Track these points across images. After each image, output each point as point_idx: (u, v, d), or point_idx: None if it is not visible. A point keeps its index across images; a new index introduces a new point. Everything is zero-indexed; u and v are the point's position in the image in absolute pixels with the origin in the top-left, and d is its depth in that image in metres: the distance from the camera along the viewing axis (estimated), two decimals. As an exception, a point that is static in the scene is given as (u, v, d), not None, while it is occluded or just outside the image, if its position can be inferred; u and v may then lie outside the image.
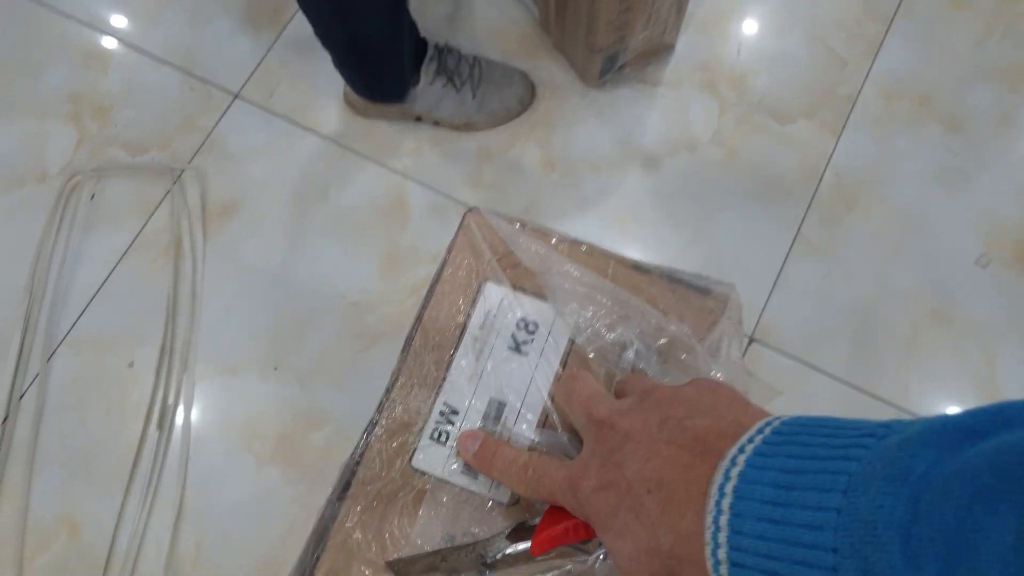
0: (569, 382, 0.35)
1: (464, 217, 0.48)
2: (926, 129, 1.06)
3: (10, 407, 0.99)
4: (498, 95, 1.05)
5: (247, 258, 1.04)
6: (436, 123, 1.08)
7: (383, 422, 0.42)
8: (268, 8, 1.17)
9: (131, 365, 1.01)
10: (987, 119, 1.05)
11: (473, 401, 0.41)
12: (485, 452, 0.36)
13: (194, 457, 0.96)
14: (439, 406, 0.42)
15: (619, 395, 0.34)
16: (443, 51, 1.02)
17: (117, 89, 1.14)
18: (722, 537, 0.24)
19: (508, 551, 0.35)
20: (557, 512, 0.33)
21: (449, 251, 0.46)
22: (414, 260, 1.03)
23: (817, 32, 1.11)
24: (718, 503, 0.25)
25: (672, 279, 0.46)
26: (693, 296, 0.45)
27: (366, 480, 0.40)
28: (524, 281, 0.44)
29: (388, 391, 0.45)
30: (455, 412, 0.41)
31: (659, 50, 1.09)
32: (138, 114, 1.12)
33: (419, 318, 0.46)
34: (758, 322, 0.97)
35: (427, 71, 1.01)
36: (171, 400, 0.98)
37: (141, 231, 1.06)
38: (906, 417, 0.85)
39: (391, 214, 1.06)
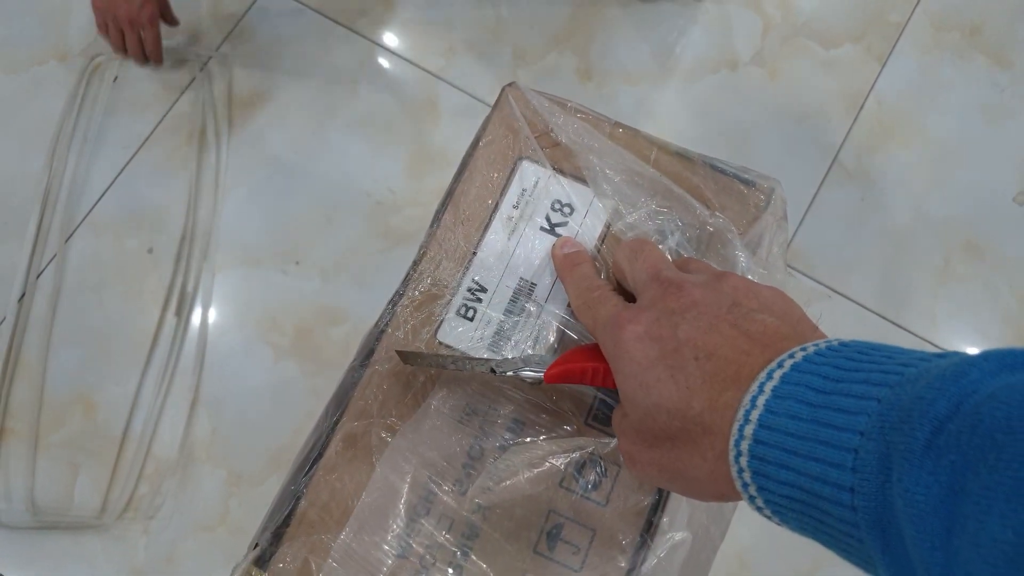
0: (637, 243, 0.35)
1: (502, 91, 0.47)
2: (974, 62, 1.04)
3: (27, 286, 0.98)
4: None
5: (272, 150, 1.03)
6: None
7: (409, 293, 0.41)
8: None
9: (150, 251, 1.00)
10: (1037, 56, 1.03)
11: (503, 279, 0.40)
12: (574, 259, 0.36)
13: (211, 345, 0.96)
14: (467, 282, 0.41)
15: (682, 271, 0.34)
16: None
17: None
18: (754, 414, 0.24)
19: (522, 373, 0.34)
20: (584, 352, 0.33)
21: (484, 126, 0.45)
22: (442, 163, 1.02)
23: (870, -45, 1.08)
24: (762, 385, 0.25)
25: (715, 168, 0.45)
26: (736, 187, 0.44)
27: (390, 349, 0.40)
28: (562, 161, 0.42)
29: (416, 263, 0.44)
30: (483, 289, 0.40)
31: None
32: None
33: (450, 192, 0.45)
34: (789, 245, 0.97)
35: None
36: (190, 288, 0.98)
37: (164, 117, 1.04)
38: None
39: (421, 115, 1.04)
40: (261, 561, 0.36)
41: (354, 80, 1.05)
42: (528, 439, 0.37)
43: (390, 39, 1.06)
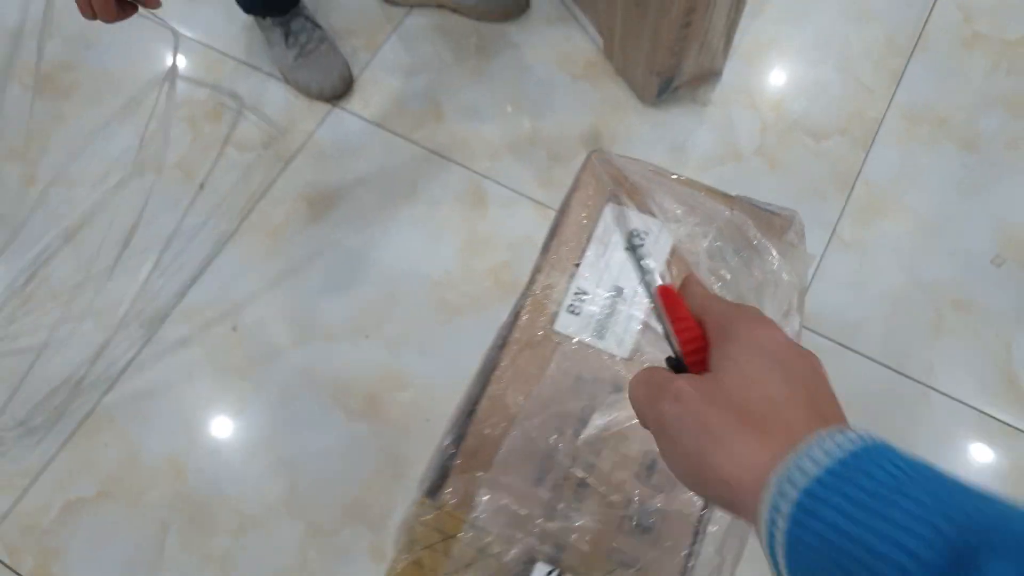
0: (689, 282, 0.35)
1: (588, 156, 0.61)
2: (944, 147, 1.21)
3: (129, 364, 1.11)
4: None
5: (343, 241, 1.18)
6: (455, 10, 1.30)
7: (531, 297, 0.55)
8: (362, 37, 1.35)
9: (234, 329, 1.13)
10: (997, 141, 1.21)
11: (599, 287, 0.54)
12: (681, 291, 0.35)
13: (291, 409, 1.08)
14: (573, 288, 0.55)
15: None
16: None
17: (227, 101, 1.30)
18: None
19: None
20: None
21: (577, 180, 0.60)
22: (491, 247, 1.17)
23: (846, 64, 1.28)
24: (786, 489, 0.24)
25: (750, 203, 0.60)
26: (766, 216, 0.58)
27: (517, 337, 0.53)
28: (636, 200, 0.57)
29: (531, 281, 0.57)
30: (585, 293, 0.54)
31: (708, 75, 1.26)
32: (255, 117, 1.28)
33: (555, 226, 0.59)
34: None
35: None
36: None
37: (248, 215, 1.20)
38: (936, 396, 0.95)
39: (470, 207, 1.20)
40: (432, 492, 0.47)
41: (413, 180, 1.22)
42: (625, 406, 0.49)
43: (442, 146, 1.24)
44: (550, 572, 0.43)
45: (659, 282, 0.33)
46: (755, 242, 0.51)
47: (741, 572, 0.54)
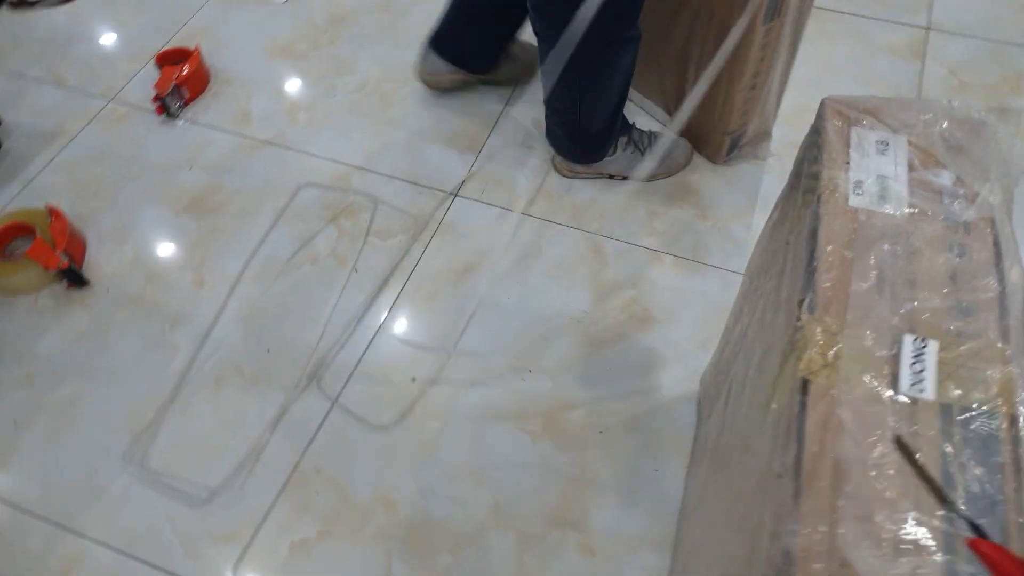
0: None
1: (822, 102, 0.80)
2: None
3: (323, 423, 1.23)
4: (672, 154, 1.47)
5: (492, 299, 1.36)
6: (624, 178, 1.48)
7: (822, 190, 0.74)
8: (465, 138, 1.60)
9: (414, 380, 1.28)
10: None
11: (868, 177, 0.74)
12: None
13: (478, 440, 1.21)
14: (852, 179, 0.75)
15: None
16: (633, 128, 1.46)
17: (360, 200, 1.51)
18: None
19: None
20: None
21: (820, 121, 0.79)
22: (618, 287, 1.37)
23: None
24: None
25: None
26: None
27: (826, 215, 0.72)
28: (872, 120, 0.78)
29: (818, 176, 0.77)
30: (861, 182, 0.75)
31: (762, 136, 1.53)
32: (386, 214, 1.49)
33: (820, 147, 0.77)
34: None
35: (621, 143, 1.43)
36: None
37: (404, 288, 1.38)
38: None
39: (592, 260, 1.40)
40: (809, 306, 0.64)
41: (537, 244, 1.42)
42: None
43: (554, 215, 1.46)
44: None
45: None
46: (977, 115, 0.72)
47: None
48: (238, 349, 1.33)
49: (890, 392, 0.56)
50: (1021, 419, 0.54)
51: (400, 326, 1.34)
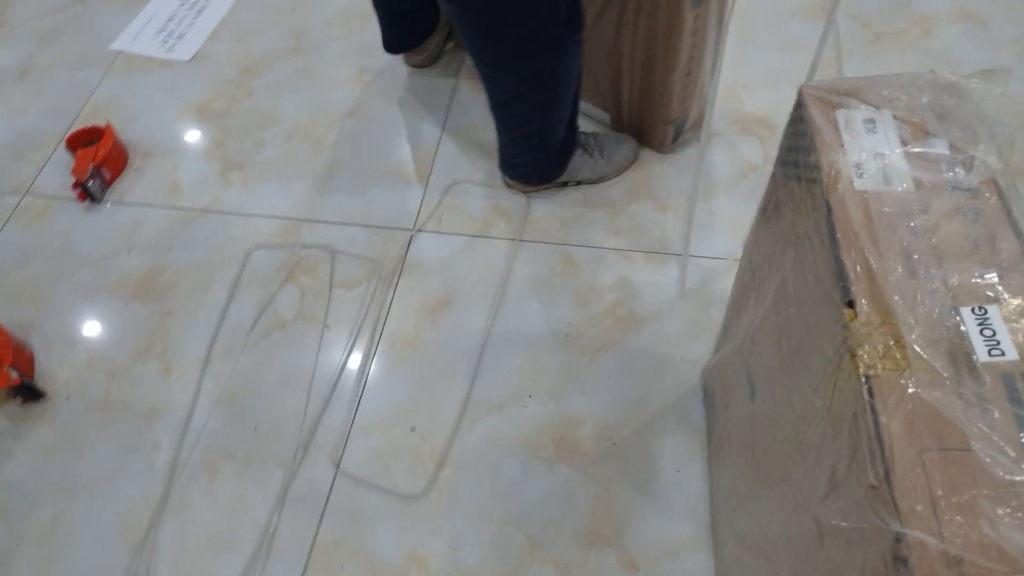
0: None
1: (800, 91, 0.80)
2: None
3: (335, 480, 1.18)
4: (619, 151, 1.47)
5: (472, 329, 1.33)
6: (578, 183, 1.47)
7: (826, 177, 0.74)
8: (409, 169, 1.56)
9: (413, 429, 1.24)
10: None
11: (864, 157, 0.75)
12: None
13: (493, 478, 1.18)
14: (852, 162, 0.75)
15: None
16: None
17: (316, 254, 1.46)
18: None
19: None
20: None
21: (800, 106, 0.78)
22: (598, 294, 1.36)
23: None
24: None
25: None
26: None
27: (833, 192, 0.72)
28: (855, 101, 0.78)
29: (819, 166, 0.77)
30: (860, 164, 0.75)
31: (702, 118, 1.55)
32: (346, 263, 1.44)
33: (811, 136, 0.78)
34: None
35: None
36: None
37: (381, 336, 1.34)
38: None
39: (566, 272, 1.39)
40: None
41: (509, 264, 1.40)
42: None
43: (516, 233, 1.44)
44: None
45: None
46: (961, 81, 0.73)
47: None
48: (223, 433, 1.26)
49: (958, 370, 0.56)
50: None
51: (387, 375, 1.30)
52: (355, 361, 1.32)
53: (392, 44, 1.68)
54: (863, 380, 0.57)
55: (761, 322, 0.88)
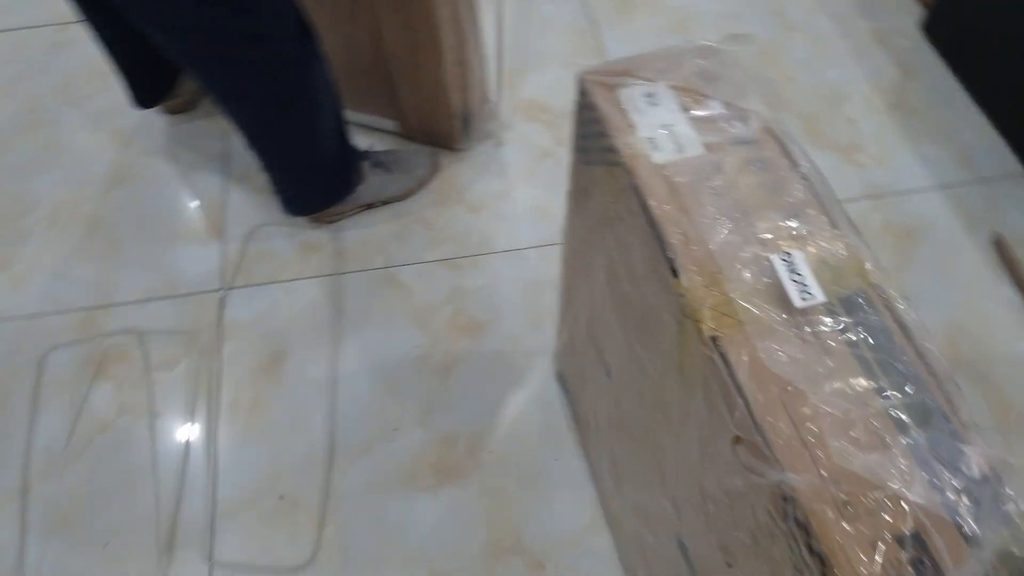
0: None
1: (580, 78, 0.83)
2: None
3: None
4: (417, 163, 1.46)
5: (323, 376, 1.28)
6: (384, 203, 1.45)
7: (625, 156, 0.77)
8: (199, 224, 1.47)
9: (282, 497, 1.17)
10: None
11: (657, 130, 0.79)
12: None
13: (381, 522, 1.15)
14: (644, 137, 0.79)
15: None
16: (369, 152, 1.43)
17: (121, 340, 1.34)
18: None
19: None
20: None
21: (582, 96, 0.81)
22: (435, 309, 1.35)
23: (566, 59, 1.68)
24: None
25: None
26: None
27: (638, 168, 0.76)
28: (633, 79, 0.83)
29: (616, 149, 0.80)
30: (652, 137, 0.79)
31: (487, 107, 1.57)
32: (159, 342, 1.33)
33: (604, 123, 0.80)
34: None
35: (367, 170, 1.39)
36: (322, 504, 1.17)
37: (219, 411, 1.25)
38: None
39: (396, 295, 1.37)
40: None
41: (334, 300, 1.36)
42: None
43: (333, 266, 1.40)
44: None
45: None
46: (716, 45, 0.79)
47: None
48: (69, 562, 1.13)
49: (786, 314, 0.61)
50: (877, 286, 0.62)
51: (238, 449, 1.22)
52: (199, 443, 1.22)
53: (142, 97, 1.54)
54: (707, 342, 0.61)
55: (599, 302, 0.91)
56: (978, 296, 1.37)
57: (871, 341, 0.59)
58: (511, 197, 1.49)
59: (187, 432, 1.24)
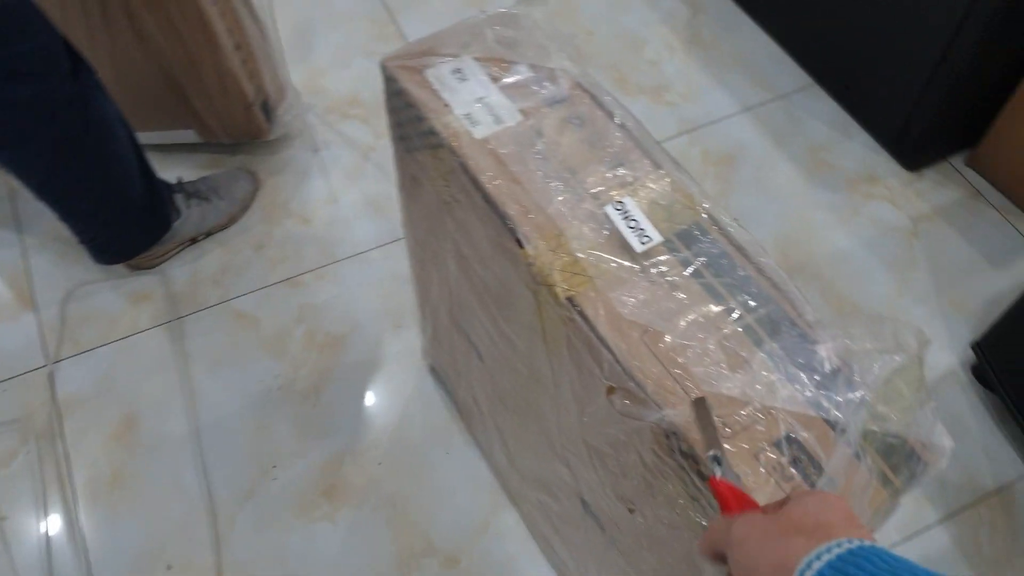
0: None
1: (383, 66, 0.81)
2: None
3: None
4: (236, 186, 1.39)
5: (184, 431, 1.20)
6: (208, 234, 1.37)
7: (446, 137, 0.76)
8: (5, 300, 1.33)
9: (169, 567, 1.10)
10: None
11: (472, 107, 0.78)
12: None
13: (282, 559, 1.10)
14: (461, 116, 0.78)
15: None
16: (180, 184, 1.34)
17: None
18: None
19: None
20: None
21: (391, 83, 0.79)
22: (287, 333, 1.30)
23: (367, 46, 1.65)
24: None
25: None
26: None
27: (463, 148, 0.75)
28: (439, 58, 0.81)
29: (436, 131, 0.78)
30: (469, 114, 0.78)
31: (285, 91, 1.49)
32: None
33: (415, 106, 0.77)
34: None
35: (182, 203, 1.31)
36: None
37: (75, 491, 1.15)
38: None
39: (243, 327, 1.30)
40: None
41: (177, 347, 1.27)
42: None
43: (166, 314, 1.32)
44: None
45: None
46: (510, 12, 0.80)
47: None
48: None
49: (631, 260, 0.62)
50: (708, 215, 0.66)
51: (107, 529, 1.12)
52: (61, 536, 1.12)
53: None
54: (564, 303, 0.62)
55: (456, 289, 0.90)
56: (797, 204, 1.48)
57: (713, 268, 0.62)
58: (342, 200, 1.45)
59: (44, 528, 1.13)
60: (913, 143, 1.50)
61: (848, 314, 1.34)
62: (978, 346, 1.22)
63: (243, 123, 1.45)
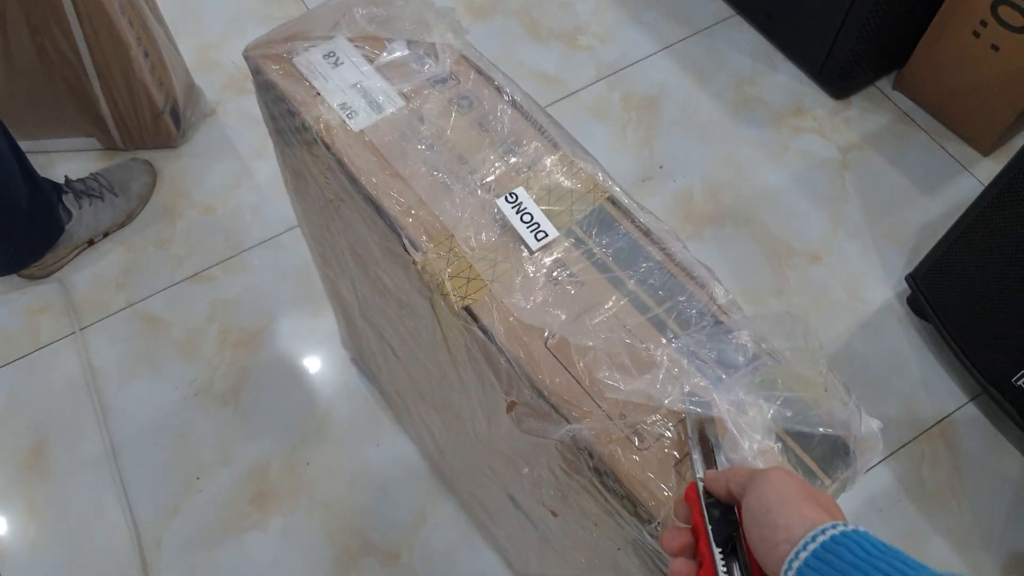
0: None
1: (247, 56, 0.74)
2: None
3: None
4: (131, 179, 1.31)
5: (98, 451, 1.14)
6: (105, 234, 1.30)
7: (319, 132, 0.70)
8: None
9: (95, 598, 1.06)
10: None
11: (347, 94, 0.72)
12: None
13: (213, 572, 1.07)
14: (336, 106, 0.72)
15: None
16: (68, 183, 1.25)
17: None
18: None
19: None
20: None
21: (257, 73, 0.72)
22: (200, 333, 1.24)
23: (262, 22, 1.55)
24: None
25: None
26: None
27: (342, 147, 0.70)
28: (308, 44, 0.75)
29: (307, 127, 0.72)
30: (345, 104, 0.72)
31: (192, 92, 1.42)
32: None
33: (285, 98, 0.71)
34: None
35: (72, 204, 1.22)
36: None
37: (-15, 533, 1.09)
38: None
39: (152, 331, 1.24)
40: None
41: (83, 361, 1.21)
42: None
43: (75, 323, 1.24)
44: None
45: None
46: None
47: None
48: None
49: (529, 260, 0.58)
50: (610, 199, 0.62)
51: (24, 566, 1.07)
52: None
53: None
54: (459, 313, 0.58)
55: (359, 286, 0.86)
56: (724, 144, 1.45)
57: (617, 258, 0.59)
58: (246, 183, 1.38)
59: None
60: (839, 70, 1.48)
61: (782, 255, 1.33)
62: (912, 278, 1.22)
63: (151, 132, 1.37)
